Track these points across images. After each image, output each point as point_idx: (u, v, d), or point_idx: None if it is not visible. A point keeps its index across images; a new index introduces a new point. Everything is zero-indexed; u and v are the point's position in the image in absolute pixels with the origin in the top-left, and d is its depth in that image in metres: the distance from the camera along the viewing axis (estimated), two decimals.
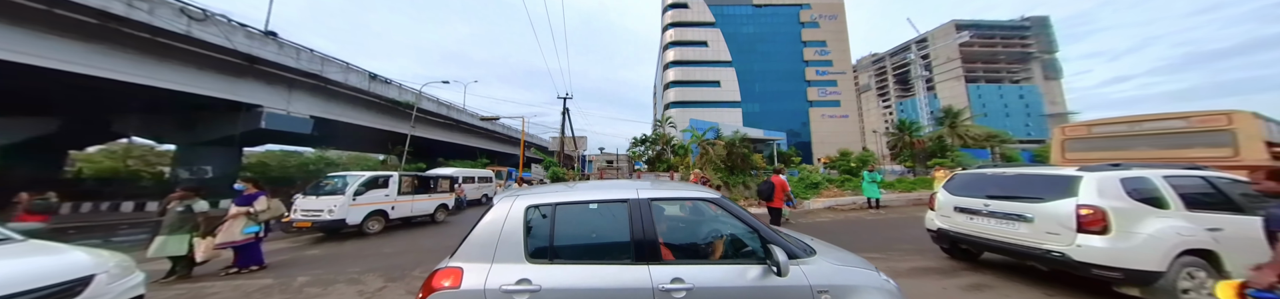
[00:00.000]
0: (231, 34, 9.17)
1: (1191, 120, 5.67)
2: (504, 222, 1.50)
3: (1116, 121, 6.55)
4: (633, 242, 1.50)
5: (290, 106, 11.68)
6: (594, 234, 1.70)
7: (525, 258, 1.44)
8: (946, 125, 24.59)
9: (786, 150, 31.38)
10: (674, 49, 39.44)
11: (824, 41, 39.84)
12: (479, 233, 1.49)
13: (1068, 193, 2.41)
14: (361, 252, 4.71)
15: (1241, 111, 5.48)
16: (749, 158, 18.03)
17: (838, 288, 1.45)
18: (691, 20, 39.83)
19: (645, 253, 1.48)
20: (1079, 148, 6.91)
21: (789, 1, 40.49)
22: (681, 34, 39.53)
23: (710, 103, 37.53)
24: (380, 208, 6.06)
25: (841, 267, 1.58)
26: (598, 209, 1.69)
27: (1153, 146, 6.01)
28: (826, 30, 40.14)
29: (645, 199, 1.60)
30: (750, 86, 38.29)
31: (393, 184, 6.38)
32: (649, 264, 1.45)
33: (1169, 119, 5.89)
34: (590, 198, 1.67)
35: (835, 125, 37.76)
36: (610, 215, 1.63)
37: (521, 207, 1.55)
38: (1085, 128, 6.91)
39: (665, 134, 20.90)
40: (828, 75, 39.07)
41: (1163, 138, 5.86)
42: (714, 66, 38.74)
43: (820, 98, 38.46)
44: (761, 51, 39.19)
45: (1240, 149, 5.21)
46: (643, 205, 1.58)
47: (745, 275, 1.44)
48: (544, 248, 1.49)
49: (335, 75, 12.41)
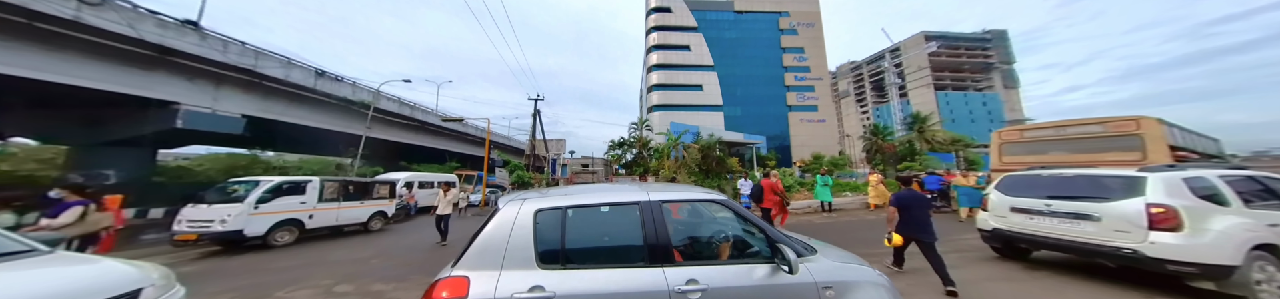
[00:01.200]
0: (137, 22, 8.12)
1: (1107, 125, 5.99)
2: (512, 226, 1.46)
3: (1045, 126, 6.88)
4: (646, 244, 1.48)
5: (217, 104, 10.51)
6: (606, 237, 1.69)
7: (536, 264, 1.40)
8: (915, 130, 25.42)
9: (766, 154, 31.60)
10: (657, 52, 39.57)
11: (802, 48, 40.96)
12: (485, 239, 1.44)
13: (1134, 192, 2.53)
14: (247, 267, 4.07)
15: (1148, 117, 5.77)
16: (724, 161, 17.90)
17: (840, 284, 1.50)
18: (674, 24, 40.20)
19: (659, 255, 1.47)
20: (1014, 151, 7.10)
21: (769, 9, 41.58)
22: (665, 38, 39.78)
23: (693, 106, 37.62)
24: (293, 217, 5.39)
25: (841, 264, 1.63)
26: (609, 212, 1.68)
27: (1076, 150, 6.28)
28: (804, 37, 41.33)
29: (656, 201, 1.59)
30: (732, 91, 38.69)
31: (312, 190, 5.73)
32: (663, 266, 1.44)
33: (1088, 124, 6.23)
34: (601, 201, 1.65)
35: (813, 129, 38.49)
36: (622, 218, 1.60)
37: (530, 210, 1.50)
38: (1019, 132, 7.14)
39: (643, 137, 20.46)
40: (806, 81, 40.03)
41: (1084, 142, 6.13)
42: (696, 70, 39.03)
43: (799, 103, 39.24)
44: (743, 56, 39.85)
45: (1147, 153, 5.50)
46: (654, 207, 1.56)
47: (754, 274, 1.46)
48: (555, 253, 1.45)
49: (274, 71, 11.34)
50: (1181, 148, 5.93)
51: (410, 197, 9.95)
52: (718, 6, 41.41)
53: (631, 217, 1.56)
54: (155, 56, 8.87)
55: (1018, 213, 3.13)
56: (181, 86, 9.68)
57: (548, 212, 1.52)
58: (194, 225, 4.69)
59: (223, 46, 9.96)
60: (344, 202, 6.27)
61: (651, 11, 40.91)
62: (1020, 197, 3.20)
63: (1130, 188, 2.57)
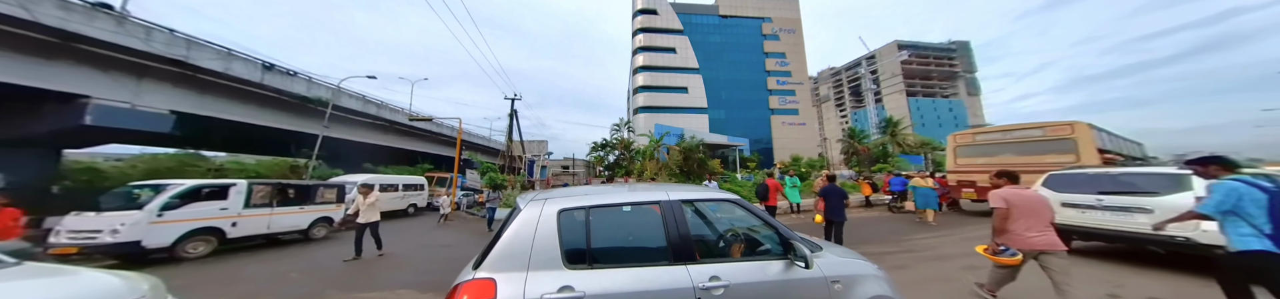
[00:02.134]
0: (32, 3, 7.02)
1: (1046, 129, 6.40)
2: (536, 227, 1.46)
3: (993, 130, 7.32)
4: (669, 243, 1.53)
5: (139, 99, 9.26)
6: (630, 237, 1.75)
7: (563, 264, 1.41)
8: (888, 134, 26.37)
9: (749, 156, 31.88)
10: (643, 54, 39.53)
11: (784, 53, 42.01)
12: (509, 240, 1.43)
13: (1182, 187, 2.89)
14: None
15: (1080, 122, 6.15)
16: (705, 163, 17.75)
17: (846, 277, 1.61)
18: (660, 27, 40.37)
19: (682, 253, 1.51)
20: (967, 154, 7.43)
21: (752, 14, 42.53)
22: (651, 40, 39.83)
23: (678, 108, 37.68)
24: (210, 225, 4.74)
25: (845, 259, 1.75)
26: (630, 212, 1.78)
27: (1020, 153, 6.63)
28: (786, 43, 42.44)
29: (676, 201, 1.64)
30: (716, 94, 39.06)
31: (236, 195, 5.08)
32: (687, 264, 1.48)
33: (1030, 128, 6.66)
34: (623, 200, 1.68)
35: (794, 132, 39.32)
36: (644, 217, 1.71)
37: (553, 211, 1.52)
38: (971, 135, 7.52)
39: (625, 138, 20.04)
40: (787, 85, 41.01)
41: (1027, 145, 6.52)
42: (682, 73, 39.21)
43: (781, 106, 40.07)
44: (727, 60, 40.41)
45: (1080, 155, 5.84)
46: (675, 207, 1.61)
47: (769, 270, 1.53)
48: (581, 253, 1.48)
49: (210, 63, 10.18)
50: (1109, 151, 6.30)
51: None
52: (703, 10, 41.99)
53: (653, 216, 1.61)
54: (57, 43, 7.71)
55: (1068, 208, 3.40)
56: (91, 78, 8.47)
57: (571, 212, 1.53)
58: (76, 237, 3.98)
59: (145, 34, 8.83)
60: (279, 207, 5.64)
61: (638, 13, 40.96)
62: (1069, 193, 3.50)
63: (1177, 184, 2.93)
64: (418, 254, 4.83)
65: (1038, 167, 5.90)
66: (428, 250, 5.15)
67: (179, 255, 4.40)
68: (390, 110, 17.71)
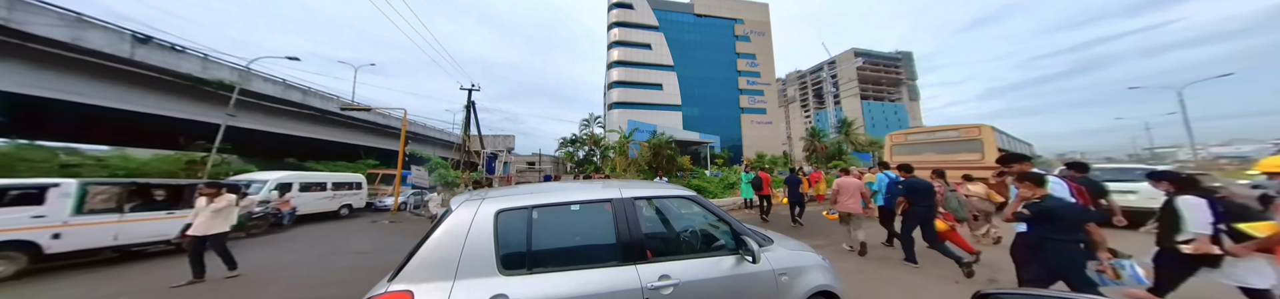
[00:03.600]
0: None
1: (960, 131, 7.30)
2: (468, 231, 1.36)
3: (921, 131, 8.13)
4: (619, 242, 1.49)
5: None
6: (578, 237, 1.67)
7: (498, 270, 1.32)
8: (843, 133, 28.28)
9: (720, 153, 32.47)
10: (618, 49, 38.59)
11: (754, 54, 43.18)
12: (434, 246, 1.31)
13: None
14: None
15: (985, 125, 7.14)
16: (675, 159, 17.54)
17: (792, 269, 1.68)
18: (636, 22, 39.59)
19: (632, 253, 1.48)
20: (901, 152, 8.21)
21: (726, 15, 43.15)
22: (626, 34, 38.93)
23: (653, 105, 37.40)
24: (14, 238, 3.68)
25: (793, 252, 1.82)
26: (579, 211, 1.66)
27: (941, 151, 7.43)
28: (756, 44, 43.61)
29: (629, 198, 1.60)
30: (690, 91, 39.25)
31: (59, 198, 3.95)
32: (636, 264, 1.45)
33: (949, 130, 7.52)
34: (571, 199, 1.60)
35: (762, 131, 40.75)
36: (593, 217, 1.62)
37: (490, 212, 1.42)
38: (905, 135, 8.34)
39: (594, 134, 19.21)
40: (757, 85, 42.29)
41: (946, 145, 7.33)
42: (657, 69, 38.87)
43: (750, 105, 41.27)
44: (701, 59, 40.68)
45: (985, 154, 6.69)
46: (628, 205, 1.57)
47: (721, 265, 1.55)
48: (520, 257, 1.40)
49: (47, 30, 7.83)
50: (1007, 150, 7.25)
51: (282, 202, 7.57)
52: (679, 8, 41.80)
53: (603, 215, 1.54)
54: None
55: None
56: None
57: (511, 212, 1.42)
58: None
59: None
60: (131, 213, 4.48)
61: (613, 6, 39.84)
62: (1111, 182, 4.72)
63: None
64: (316, 265, 4.06)
65: (952, 164, 6.69)
66: (333, 259, 4.35)
67: None
68: (320, 98, 15.31)
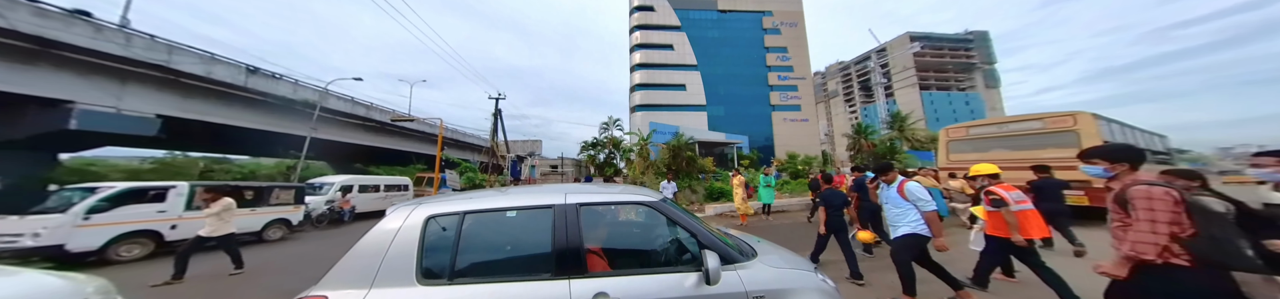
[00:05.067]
0: (8, 10, 7.27)
1: (1046, 121, 5.72)
2: (394, 236, 1.31)
3: (988, 123, 6.66)
4: (554, 253, 1.36)
5: (123, 103, 9.62)
6: (509, 246, 1.56)
7: (416, 279, 1.25)
8: (896, 129, 25.37)
9: (748, 153, 31.25)
10: (640, 52, 39.08)
11: (785, 48, 40.80)
12: (358, 252, 1.29)
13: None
14: None
15: (1083, 112, 5.53)
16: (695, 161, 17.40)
17: (774, 292, 1.40)
18: (657, 23, 39.75)
19: (568, 265, 1.34)
20: (960, 149, 6.87)
21: (752, 8, 41.36)
22: (647, 37, 39.30)
23: (676, 106, 37.21)
24: (146, 228, 4.80)
25: (780, 269, 1.52)
26: (517, 217, 1.52)
27: (1017, 147, 5.99)
28: (787, 37, 41.18)
29: (573, 204, 1.46)
30: (715, 90, 38.35)
31: (175, 197, 5.14)
32: (570, 278, 1.31)
33: (1028, 120, 5.98)
34: (508, 204, 1.48)
35: (796, 129, 38.31)
36: (531, 224, 1.48)
37: (420, 217, 1.36)
38: (965, 129, 6.85)
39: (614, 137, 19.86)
40: (789, 80, 39.87)
41: (1024, 139, 5.88)
42: (680, 70, 38.62)
43: (782, 102, 39.05)
44: (726, 56, 39.54)
45: (1083, 149, 5.31)
46: (569, 212, 1.44)
47: (680, 284, 1.34)
48: (443, 266, 1.31)
49: (191, 67, 10.47)
50: (1116, 144, 5.74)
51: (344, 201, 9.23)
52: (701, 5, 41.09)
53: (542, 222, 1.43)
54: (36, 49, 7.99)
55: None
56: (74, 83, 8.80)
57: (442, 218, 1.38)
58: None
59: (125, 40, 9.10)
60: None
61: (634, 10, 40.43)
62: None
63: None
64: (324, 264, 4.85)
65: (1034, 163, 5.31)
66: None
67: (111, 258, 4.43)
68: (380, 111, 18.01)
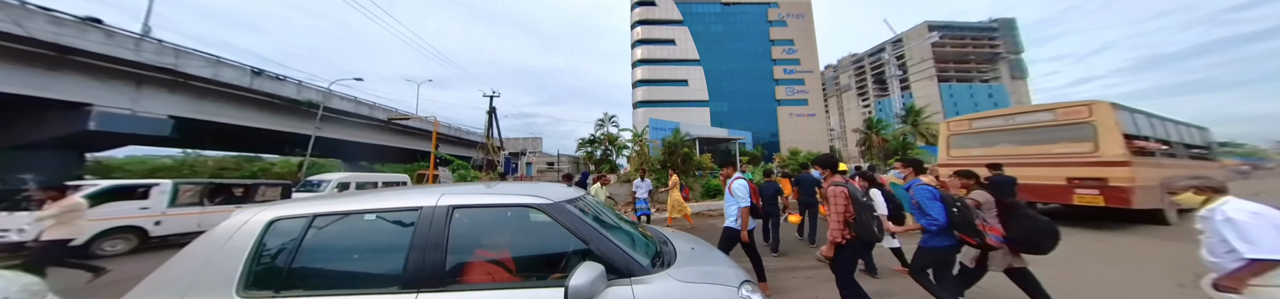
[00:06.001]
0: (25, 19, 7.80)
1: (1057, 112, 5.19)
2: (226, 241, 1.20)
3: (993, 115, 6.07)
4: (408, 263, 1.19)
5: (138, 105, 10.27)
6: (359, 254, 1.39)
7: (236, 290, 1.12)
8: (909, 123, 24.33)
9: (752, 150, 30.78)
10: (641, 47, 38.66)
11: (791, 40, 39.54)
12: (179, 259, 1.19)
13: None
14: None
15: (1100, 102, 4.98)
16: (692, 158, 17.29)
17: None
18: (659, 18, 39.13)
19: (424, 277, 1.17)
20: (963, 144, 6.35)
21: (757, 0, 40.12)
22: (649, 32, 38.79)
23: (678, 102, 36.84)
24: (129, 224, 5.10)
25: (688, 284, 1.29)
26: (375, 221, 1.37)
27: (1023, 142, 5.52)
28: (794, 29, 39.85)
29: (445, 207, 1.31)
30: (718, 85, 37.70)
31: (158, 194, 5.41)
32: (420, 292, 1.15)
33: (1038, 111, 5.43)
34: (367, 206, 1.35)
35: (803, 124, 37.36)
36: (390, 229, 1.34)
37: (262, 220, 1.25)
38: (967, 122, 6.29)
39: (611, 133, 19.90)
40: (795, 74, 38.74)
41: (1033, 132, 5.38)
42: (682, 65, 38.08)
43: (788, 97, 38.06)
44: (729, 50, 38.68)
45: (1101, 143, 4.70)
46: (437, 215, 1.29)
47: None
48: (274, 275, 1.18)
49: (199, 70, 11.04)
50: (1143, 137, 5.16)
51: None
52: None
53: (403, 228, 1.28)
54: (53, 55, 8.57)
55: None
56: (92, 87, 9.41)
57: (287, 221, 1.25)
58: None
59: (135, 45, 9.63)
60: (210, 206, 5.97)
61: (635, 5, 39.87)
62: None
63: None
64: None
65: (1044, 158, 5.07)
66: None
67: (95, 253, 4.66)
68: (383, 111, 18.58)
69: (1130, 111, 5.15)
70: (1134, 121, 5.15)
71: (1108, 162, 4.57)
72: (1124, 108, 5.01)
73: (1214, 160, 6.97)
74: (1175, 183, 1.50)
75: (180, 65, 10.54)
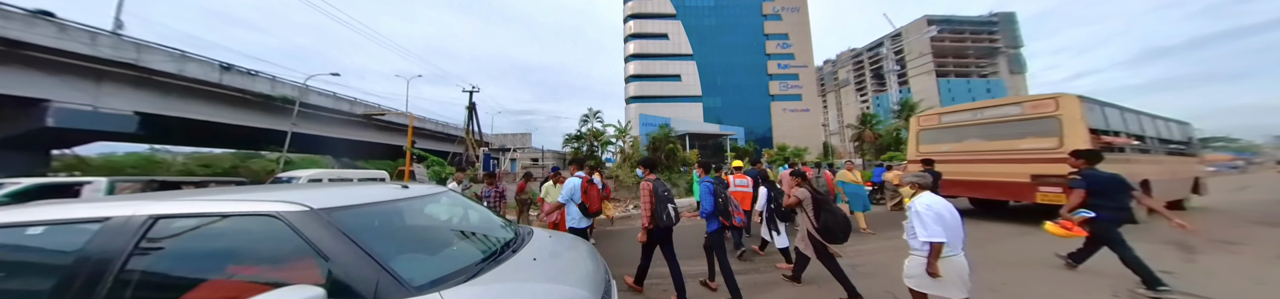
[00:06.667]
0: None
1: (1025, 106, 4.97)
2: None
3: (962, 109, 5.82)
4: (59, 285, 0.93)
5: (99, 101, 10.07)
6: (6, 272, 1.11)
7: None
8: (904, 118, 24.12)
9: (744, 145, 30.65)
10: (634, 42, 38.05)
11: (786, 34, 38.86)
12: None
13: None
14: None
15: (1067, 94, 4.74)
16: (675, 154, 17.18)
17: None
18: (652, 12, 38.37)
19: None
20: (931, 139, 6.10)
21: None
22: (641, 26, 38.10)
23: (671, 97, 36.50)
24: None
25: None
26: (42, 236, 1.09)
27: (992, 137, 5.30)
28: (789, 22, 39.10)
29: (143, 217, 1.06)
30: (711, 80, 37.27)
31: (91, 192, 4.95)
32: None
33: (1006, 105, 5.21)
34: (35, 218, 1.09)
35: (797, 119, 37.09)
36: (61, 246, 1.07)
37: None
38: (936, 117, 6.04)
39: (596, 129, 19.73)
40: (790, 69, 38.23)
41: (1001, 127, 5.17)
42: (674, 60, 37.55)
43: (782, 92, 37.67)
44: (723, 44, 38.07)
45: (1065, 139, 4.49)
46: (131, 228, 1.03)
47: None
48: None
49: (163, 65, 10.78)
50: (1113, 131, 4.94)
51: None
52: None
53: (75, 243, 1.02)
54: (4, 51, 8.32)
55: None
56: (46, 82, 9.19)
57: None
58: None
59: (91, 39, 9.36)
60: None
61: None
62: None
63: None
64: None
65: (1010, 154, 4.86)
66: None
67: None
68: (364, 106, 18.34)
69: (1100, 105, 4.96)
70: (1104, 116, 4.94)
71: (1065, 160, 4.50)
72: (1093, 101, 4.83)
73: (1194, 156, 6.80)
74: (905, 178, 1.87)
75: (142, 60, 10.28)
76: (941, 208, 1.65)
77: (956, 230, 1.63)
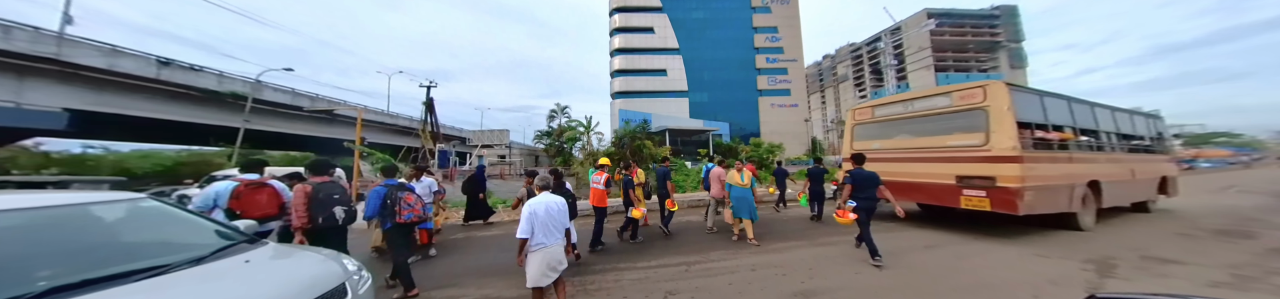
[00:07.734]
0: None
1: (954, 96, 4.25)
2: None
3: (894, 101, 5.00)
4: None
5: (23, 98, 9.78)
6: None
7: None
8: None
9: (728, 141, 30.18)
10: (619, 36, 37.16)
11: (775, 27, 37.74)
12: None
13: None
14: None
15: (995, 82, 3.95)
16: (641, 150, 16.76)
17: None
18: (637, 5, 37.33)
19: None
20: (864, 135, 5.39)
21: None
22: (627, 20, 37.12)
23: (656, 92, 35.83)
24: None
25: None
26: None
27: (920, 132, 4.62)
28: (778, 15, 37.92)
29: None
30: (698, 75, 36.46)
31: None
32: None
33: (935, 95, 4.49)
34: None
35: (785, 115, 36.36)
36: None
37: None
38: (870, 110, 5.31)
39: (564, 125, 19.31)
40: (778, 63, 37.27)
41: (932, 120, 4.49)
42: (660, 54, 36.70)
43: (770, 86, 36.82)
44: (710, 38, 37.07)
45: (991, 135, 3.79)
46: None
47: None
48: None
49: (90, 60, 10.41)
50: (1052, 126, 4.24)
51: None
52: None
53: None
54: None
55: None
56: None
57: None
58: None
59: (4, 32, 8.99)
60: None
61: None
62: None
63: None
64: None
65: (936, 152, 4.24)
66: None
67: None
68: (326, 102, 17.98)
69: (1039, 94, 4.26)
70: (1042, 107, 4.24)
71: (996, 157, 3.70)
72: (1027, 90, 4.12)
73: (1163, 153, 6.05)
74: (535, 181, 2.09)
75: (64, 55, 9.91)
76: (543, 208, 1.93)
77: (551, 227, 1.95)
